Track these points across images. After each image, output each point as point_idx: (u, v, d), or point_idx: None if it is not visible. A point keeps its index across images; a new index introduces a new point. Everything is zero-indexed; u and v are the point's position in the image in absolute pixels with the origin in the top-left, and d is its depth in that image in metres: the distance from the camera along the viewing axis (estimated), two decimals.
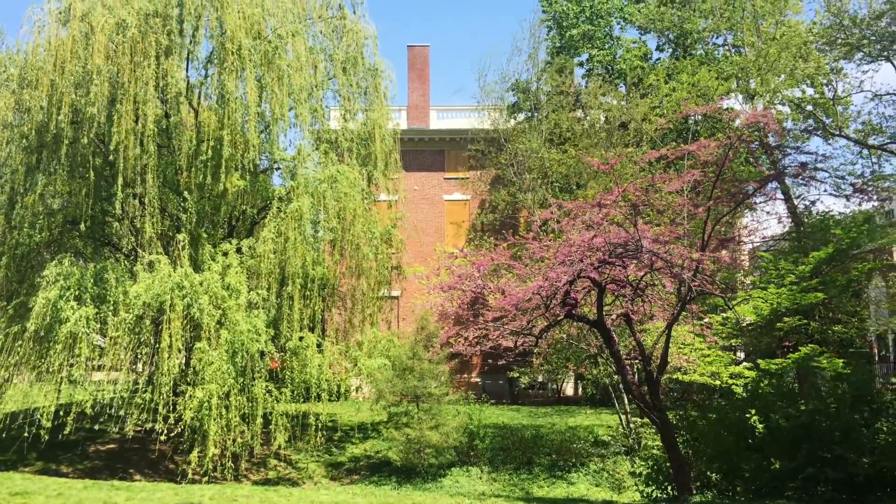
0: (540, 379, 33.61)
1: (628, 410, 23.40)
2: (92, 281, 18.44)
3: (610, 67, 36.22)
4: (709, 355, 19.83)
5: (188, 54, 21.77)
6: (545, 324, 15.53)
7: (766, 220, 30.94)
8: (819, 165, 20.98)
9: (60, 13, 20.50)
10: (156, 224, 19.92)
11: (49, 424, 17.49)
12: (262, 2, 21.80)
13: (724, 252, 19.31)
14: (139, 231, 20.31)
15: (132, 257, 21.27)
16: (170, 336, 17.55)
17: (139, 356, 19.16)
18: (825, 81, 25.67)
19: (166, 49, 20.06)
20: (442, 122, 39.10)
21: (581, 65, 37.42)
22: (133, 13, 19.61)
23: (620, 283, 15.07)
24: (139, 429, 19.88)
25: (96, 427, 20.88)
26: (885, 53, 22.03)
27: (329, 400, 20.85)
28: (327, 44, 24.67)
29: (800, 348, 19.59)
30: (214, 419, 17.12)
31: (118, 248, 22.94)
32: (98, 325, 18.23)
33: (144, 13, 19.83)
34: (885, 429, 13.21)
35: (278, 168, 24.40)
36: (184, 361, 19.22)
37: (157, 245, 19.90)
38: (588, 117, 32.89)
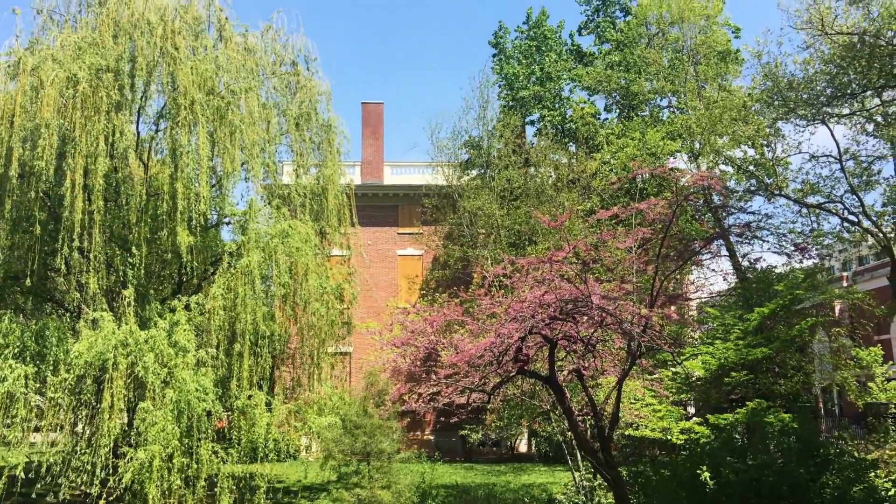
0: (493, 436, 33.35)
1: (581, 467, 23.29)
2: (32, 339, 17.87)
3: (560, 126, 37.14)
4: (660, 410, 19.96)
5: (139, 109, 21.67)
6: (498, 380, 15.49)
7: (712, 276, 31.69)
8: (762, 225, 21.66)
9: (10, 67, 20.26)
10: (101, 280, 19.48)
11: None
12: (215, 58, 21.88)
13: (672, 308, 19.63)
14: (84, 287, 19.82)
15: (76, 314, 20.70)
16: (112, 396, 17.02)
17: (79, 417, 18.50)
18: (765, 143, 26.70)
19: (117, 104, 19.93)
20: (396, 177, 39.41)
21: (532, 123, 38.32)
22: (84, 67, 19.48)
23: (572, 339, 15.16)
24: (77, 493, 19.04)
25: (32, 493, 19.93)
26: (820, 116, 23.03)
27: (277, 460, 20.32)
28: (281, 99, 24.80)
29: (747, 402, 19.87)
30: (155, 482, 16.51)
31: (62, 304, 22.31)
32: (37, 385, 17.61)
33: (96, 68, 19.71)
34: (830, 483, 13.38)
35: (229, 223, 24.19)
36: (126, 422, 18.61)
37: (101, 301, 19.42)
38: (539, 174, 33.52)
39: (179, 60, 20.39)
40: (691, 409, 24.75)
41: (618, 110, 37.66)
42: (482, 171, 35.33)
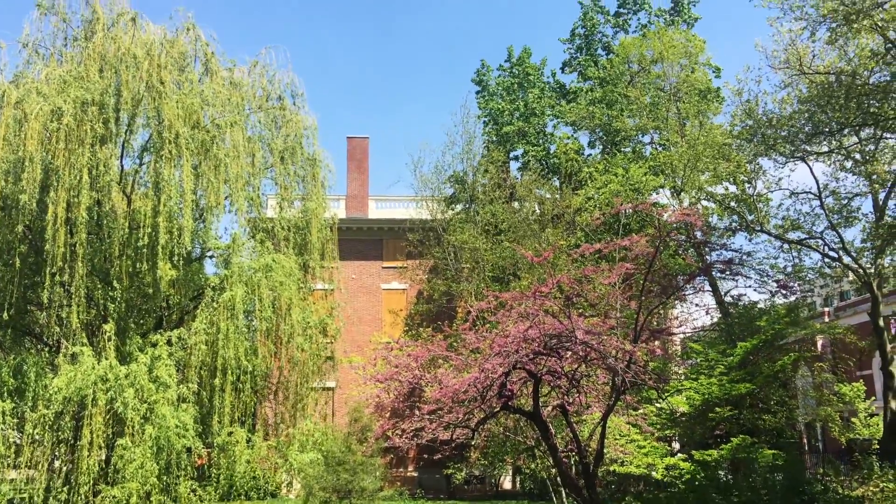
0: (477, 473, 32.99)
1: None
2: (10, 374, 17.61)
3: (544, 162, 37.44)
4: (644, 446, 19.87)
5: (124, 142, 21.65)
6: (482, 416, 15.37)
7: (695, 311, 31.82)
8: (743, 261, 21.81)
9: None
10: (82, 313, 19.27)
11: None
12: (201, 92, 21.96)
13: (656, 343, 19.66)
14: (64, 321, 19.59)
15: (55, 348, 20.42)
16: (91, 432, 16.75)
17: (58, 454, 18.16)
18: (746, 179, 27.00)
19: (102, 137, 19.91)
20: (380, 211, 39.47)
21: (516, 158, 38.60)
22: (69, 101, 19.48)
23: (556, 374, 15.10)
24: None
25: None
26: (800, 153, 23.34)
27: (257, 497, 19.99)
28: (266, 133, 24.89)
29: (732, 438, 19.83)
30: None
31: (41, 338, 22.02)
32: (15, 421, 17.31)
33: (81, 101, 19.71)
34: None
35: (212, 256, 24.08)
36: (104, 459, 18.27)
37: (81, 335, 19.20)
38: (523, 209, 33.68)
39: (165, 94, 20.43)
40: (676, 445, 24.64)
41: (601, 146, 38.04)
42: (467, 205, 35.47)
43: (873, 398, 28.11)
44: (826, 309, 40.28)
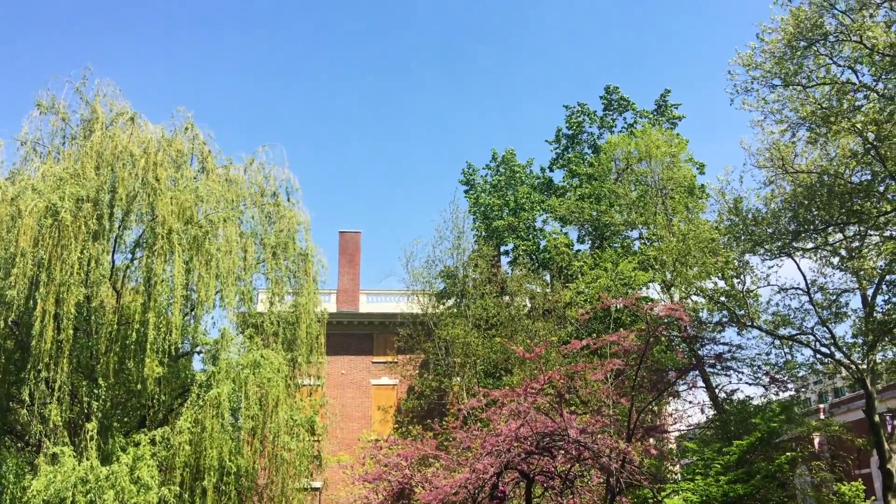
0: None
1: None
2: None
3: (534, 256, 37.76)
4: None
5: (116, 237, 21.74)
6: None
7: (690, 408, 31.46)
8: (735, 355, 21.77)
9: None
10: (64, 411, 18.88)
11: None
12: (196, 188, 22.23)
13: (650, 441, 19.36)
14: (46, 419, 19.15)
15: (36, 448, 19.87)
16: None
17: None
18: (734, 274, 27.22)
19: (94, 233, 20.00)
20: (371, 305, 39.39)
21: (507, 253, 38.92)
22: (65, 197, 19.63)
23: (549, 475, 14.80)
24: None
25: None
26: (786, 250, 23.64)
27: None
28: (260, 228, 25.06)
29: None
30: None
31: (22, 436, 21.46)
32: None
33: (76, 197, 19.89)
34: None
35: (200, 352, 23.81)
36: None
37: (63, 434, 18.75)
38: (514, 304, 33.70)
39: (160, 191, 20.69)
40: None
41: (590, 241, 38.50)
42: (458, 300, 35.48)
43: (873, 498, 27.45)
44: (821, 405, 39.86)
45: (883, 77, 18.60)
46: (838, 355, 25.01)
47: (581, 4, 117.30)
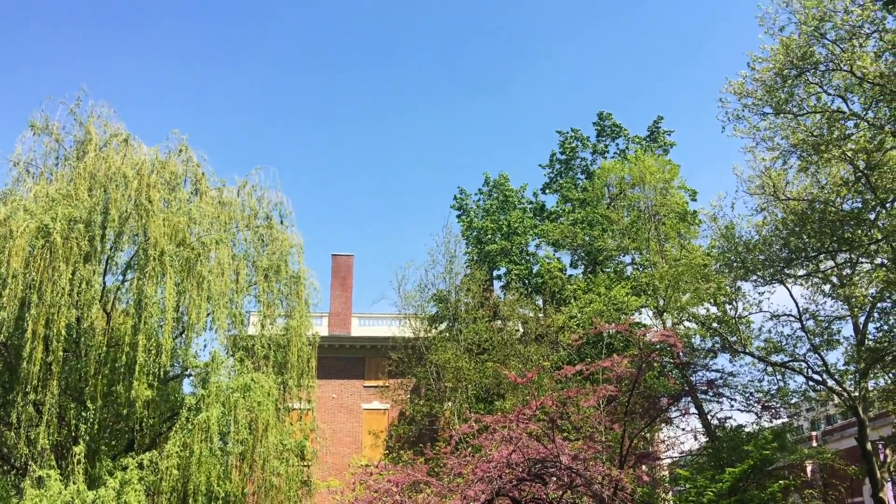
0: None
1: None
2: None
3: (527, 280, 37.74)
4: None
5: (108, 259, 21.62)
6: None
7: (682, 435, 31.42)
8: (727, 382, 21.73)
9: None
10: (52, 434, 18.64)
11: None
12: (189, 210, 22.16)
13: (643, 468, 19.22)
14: (33, 441, 18.90)
15: (22, 471, 19.59)
16: None
17: None
18: (727, 300, 27.27)
19: (86, 255, 19.89)
20: (363, 329, 39.21)
21: (499, 278, 38.88)
22: (57, 218, 19.54)
23: (541, 502, 14.66)
24: None
25: None
26: (778, 277, 23.71)
27: None
28: (252, 251, 24.94)
29: None
30: None
31: (8, 459, 21.16)
32: None
33: (68, 218, 19.79)
34: None
35: (190, 375, 23.59)
36: None
37: (50, 457, 18.50)
38: (506, 328, 33.61)
39: (152, 213, 20.62)
40: None
41: (583, 265, 38.54)
42: (450, 324, 35.35)
43: None
44: (814, 433, 39.81)
45: (873, 106, 18.78)
46: (830, 382, 25.01)
47: (576, 33, 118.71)
